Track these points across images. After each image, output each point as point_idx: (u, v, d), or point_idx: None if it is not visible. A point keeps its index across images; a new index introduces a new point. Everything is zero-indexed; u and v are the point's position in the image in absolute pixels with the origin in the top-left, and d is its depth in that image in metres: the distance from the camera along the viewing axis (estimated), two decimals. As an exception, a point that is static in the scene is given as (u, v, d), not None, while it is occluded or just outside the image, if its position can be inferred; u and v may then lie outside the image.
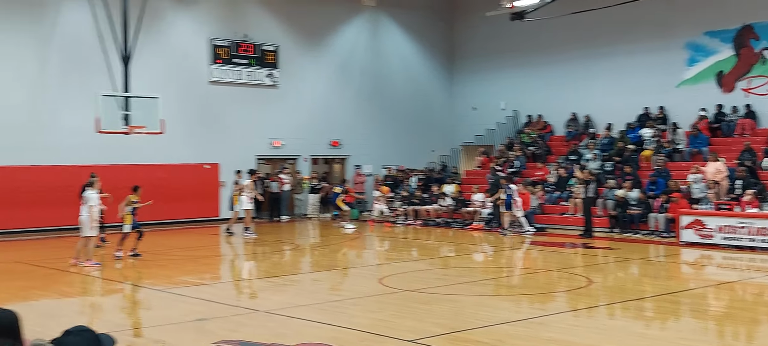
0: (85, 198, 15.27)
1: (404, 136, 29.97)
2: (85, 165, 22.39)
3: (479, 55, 30.38)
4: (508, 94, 29.31)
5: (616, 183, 21.80)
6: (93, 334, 4.09)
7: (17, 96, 21.97)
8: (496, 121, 29.24)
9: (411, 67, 30.73)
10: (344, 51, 28.91)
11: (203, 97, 25.33)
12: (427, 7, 30.12)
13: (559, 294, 12.51)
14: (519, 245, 19.18)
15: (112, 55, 21.04)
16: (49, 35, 22.58)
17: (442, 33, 31.48)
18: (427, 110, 30.88)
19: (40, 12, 22.40)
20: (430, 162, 29.13)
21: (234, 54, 25.89)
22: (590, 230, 20.17)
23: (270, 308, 10.78)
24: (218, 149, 25.42)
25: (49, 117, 22.37)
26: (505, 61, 29.31)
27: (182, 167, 24.40)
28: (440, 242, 20.33)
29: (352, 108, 28.94)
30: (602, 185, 21.96)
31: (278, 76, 26.94)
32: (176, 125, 23.25)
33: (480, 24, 29.46)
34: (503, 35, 28.48)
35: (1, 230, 21.23)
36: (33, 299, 12.04)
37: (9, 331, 4.20)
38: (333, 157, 29.51)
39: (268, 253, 18.71)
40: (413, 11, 30.16)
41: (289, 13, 27.33)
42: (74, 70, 22.73)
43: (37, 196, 22.03)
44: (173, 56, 24.66)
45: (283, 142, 27.28)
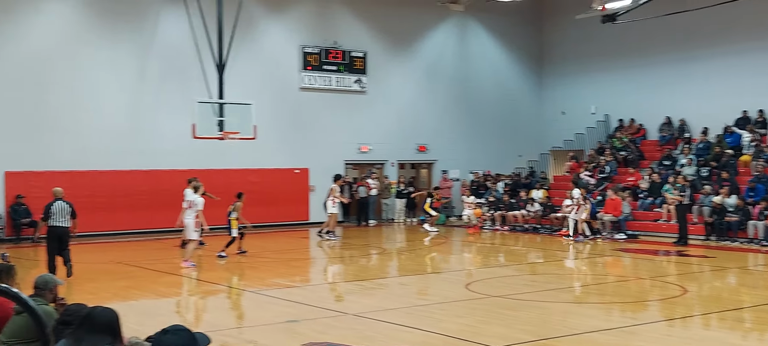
0: (192, 202, 15.92)
1: (491, 141, 29.74)
2: (181, 169, 23.21)
3: (569, 58, 29.87)
4: (599, 98, 28.69)
5: (712, 189, 21.02)
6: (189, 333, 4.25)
7: (118, 103, 22.95)
8: (586, 126, 28.67)
9: (499, 72, 30.48)
10: (432, 56, 28.94)
11: (294, 104, 25.84)
12: (516, 11, 29.84)
13: (652, 303, 12.16)
14: (609, 251, 18.73)
15: (207, 62, 21.73)
16: (149, 44, 23.50)
17: (531, 37, 31.10)
18: (515, 115, 30.55)
19: (140, 22, 23.34)
20: (518, 167, 28.81)
21: (324, 61, 26.31)
22: (685, 238, 19.52)
23: (358, 311, 10.90)
24: (308, 154, 25.87)
25: (147, 123, 23.26)
26: (596, 64, 28.71)
27: (273, 172, 24.94)
28: (528, 247, 20.08)
29: (439, 113, 28.93)
30: (698, 191, 21.21)
31: (366, 81, 27.21)
32: (268, 131, 23.80)
33: (570, 27, 28.96)
34: (594, 38, 27.90)
35: (102, 232, 22.20)
36: (132, 299, 12.55)
37: (109, 329, 4.41)
38: (420, 162, 29.55)
39: (356, 257, 18.90)
40: (501, 16, 29.93)
41: (378, 19, 27.57)
42: (172, 78, 23.58)
43: (136, 199, 22.92)
44: (265, 63, 25.26)
45: (371, 147, 27.52)
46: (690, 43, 25.63)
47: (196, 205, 15.86)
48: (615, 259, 17.80)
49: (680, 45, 25.93)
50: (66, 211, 13.96)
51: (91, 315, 4.42)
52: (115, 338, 4.41)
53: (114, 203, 22.61)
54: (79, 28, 22.42)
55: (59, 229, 13.93)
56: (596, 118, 28.71)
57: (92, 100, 22.46)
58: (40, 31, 21.90)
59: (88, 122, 22.38)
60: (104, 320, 4.40)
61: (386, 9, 27.64)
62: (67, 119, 22.12)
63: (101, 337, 4.35)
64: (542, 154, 29.83)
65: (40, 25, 21.91)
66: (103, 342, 4.35)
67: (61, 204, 13.99)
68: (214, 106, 20.90)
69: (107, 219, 22.47)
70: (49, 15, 22.11)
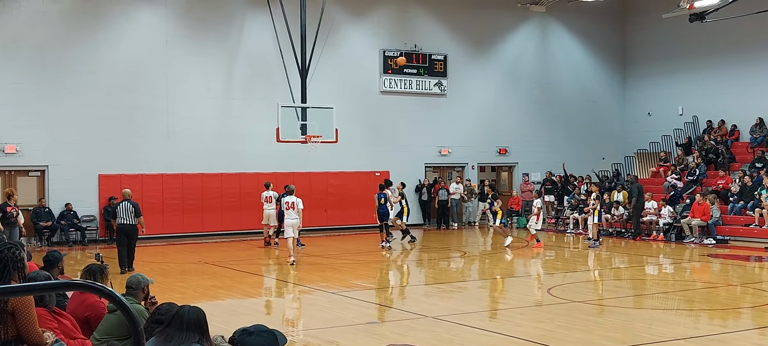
0: (294, 203, 16.83)
1: (574, 144, 29.23)
2: (266, 172, 23.72)
3: (654, 58, 29.08)
4: (686, 98, 27.83)
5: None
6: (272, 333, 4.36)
7: (206, 107, 23.61)
8: (674, 127, 27.83)
9: (581, 73, 29.94)
10: (512, 58, 28.66)
11: (374, 107, 26.02)
12: (598, 10, 29.26)
13: (743, 310, 11.71)
14: (697, 257, 18.12)
15: (291, 67, 22.14)
16: (235, 50, 24.10)
17: (614, 37, 30.42)
18: (598, 116, 29.94)
19: (227, 29, 23.96)
20: (602, 170, 28.20)
21: (405, 64, 26.38)
22: None
23: (438, 314, 10.90)
24: (388, 157, 26.01)
25: (234, 127, 23.85)
26: (683, 63, 27.85)
27: (354, 175, 25.19)
28: (612, 252, 19.63)
29: (520, 115, 28.63)
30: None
31: (446, 84, 27.17)
32: (349, 134, 24.05)
33: (655, 26, 28.20)
34: (680, 37, 27.08)
35: (191, 233, 22.88)
36: (219, 299, 12.90)
37: (197, 327, 4.56)
38: (501, 165, 29.29)
39: (435, 260, 18.88)
40: (583, 15, 29.39)
41: (457, 22, 27.49)
42: (257, 83, 24.11)
43: (224, 201, 23.54)
44: (347, 68, 25.54)
45: (451, 150, 27.45)
46: (784, 40, 24.58)
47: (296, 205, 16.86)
48: (703, 265, 17.21)
49: (773, 43, 24.89)
50: (130, 211, 15.47)
51: (180, 314, 4.59)
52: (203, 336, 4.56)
53: (202, 205, 23.27)
54: (169, 36, 23.19)
55: (126, 226, 15.48)
56: (684, 120, 27.84)
57: (182, 105, 23.19)
58: (132, 38, 22.74)
59: (178, 127, 23.11)
60: (192, 319, 4.56)
61: (466, 11, 27.55)
62: (158, 124, 22.90)
63: (189, 334, 4.51)
64: (627, 157, 29.13)
65: (131, 32, 22.76)
66: (191, 340, 4.50)
67: (126, 204, 15.54)
68: (297, 110, 21.29)
69: (196, 220, 23.14)
70: (140, 23, 22.95)
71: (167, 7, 23.14)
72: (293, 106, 21.37)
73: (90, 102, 22.10)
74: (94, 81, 22.22)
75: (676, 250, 19.47)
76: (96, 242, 21.67)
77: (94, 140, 22.11)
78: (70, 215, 21.65)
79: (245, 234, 23.07)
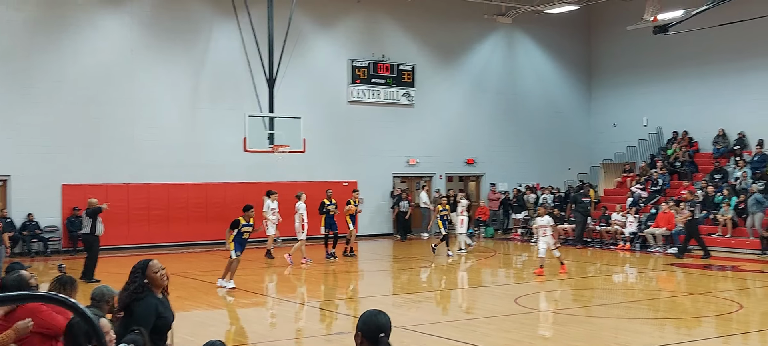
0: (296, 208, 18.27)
1: (540, 154, 29.49)
2: (233, 182, 23.56)
3: (619, 70, 29.48)
4: (651, 109, 28.24)
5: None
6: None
7: (172, 117, 23.38)
8: (638, 138, 28.22)
9: (547, 84, 30.24)
10: (479, 69, 28.85)
11: (342, 117, 26.00)
12: (564, 22, 29.61)
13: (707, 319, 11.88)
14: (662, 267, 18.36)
15: (258, 77, 22.03)
16: (202, 60, 23.92)
17: (580, 48, 30.79)
18: (564, 127, 30.25)
19: (194, 38, 23.78)
20: (567, 180, 28.47)
21: (372, 74, 26.44)
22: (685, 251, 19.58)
23: (406, 324, 10.89)
24: (357, 167, 25.97)
25: (200, 137, 23.63)
26: (647, 75, 28.27)
27: (322, 185, 25.04)
28: (578, 261, 19.81)
29: (487, 125, 28.81)
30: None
31: (414, 94, 27.25)
32: (317, 144, 23.99)
33: (620, 38, 28.60)
34: (645, 49, 27.49)
35: (157, 244, 22.61)
36: (185, 310, 12.75)
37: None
38: (468, 175, 29.43)
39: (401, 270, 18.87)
40: (549, 27, 29.71)
41: (425, 33, 27.61)
42: (224, 93, 23.95)
43: (190, 211, 23.30)
44: (315, 77, 25.49)
45: (419, 160, 27.52)
46: (746, 52, 25.06)
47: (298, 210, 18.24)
48: (668, 273, 17.45)
49: (735, 55, 25.37)
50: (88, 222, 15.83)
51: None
52: None
53: (168, 215, 23.01)
54: (134, 44, 22.94)
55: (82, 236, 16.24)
56: (648, 131, 28.25)
57: (148, 115, 22.94)
58: (97, 47, 22.46)
59: (144, 136, 22.85)
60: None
61: (434, 22, 27.68)
62: (124, 133, 22.62)
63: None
64: (593, 167, 29.45)
65: (96, 41, 22.48)
66: None
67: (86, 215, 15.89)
68: (265, 119, 21.19)
69: (162, 231, 22.87)
70: (105, 32, 22.69)
71: (133, 16, 22.92)
72: (261, 116, 21.28)
73: (54, 111, 21.77)
74: (59, 90, 21.90)
75: (640, 259, 19.70)
76: (59, 253, 21.31)
77: (58, 150, 21.78)
78: (32, 226, 21.28)
79: (212, 245, 22.85)
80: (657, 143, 27.86)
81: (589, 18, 30.50)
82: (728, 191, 21.70)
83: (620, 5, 27.24)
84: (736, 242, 20.56)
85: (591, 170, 29.24)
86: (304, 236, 18.37)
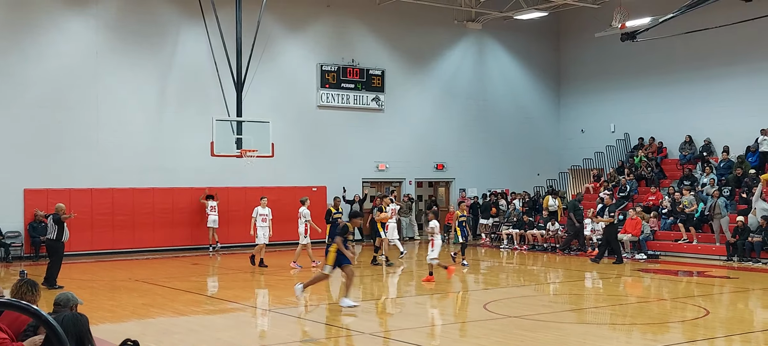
0: (300, 213, 18.54)
1: (510, 159, 29.72)
2: (200, 187, 23.38)
3: (587, 76, 29.83)
4: (618, 116, 28.62)
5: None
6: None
7: (138, 121, 23.16)
8: (606, 144, 28.56)
9: (517, 90, 30.48)
10: (449, 74, 29.00)
11: (311, 121, 25.96)
12: (534, 29, 29.88)
13: (674, 325, 12.03)
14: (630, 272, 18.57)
15: (226, 81, 21.92)
16: (169, 63, 23.73)
17: (549, 55, 31.10)
18: (534, 133, 30.51)
19: (161, 41, 23.59)
20: (537, 186, 28.72)
21: (342, 79, 26.43)
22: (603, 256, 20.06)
23: (375, 331, 10.86)
24: (326, 172, 25.95)
25: (167, 141, 23.44)
26: (615, 82, 28.64)
27: (291, 190, 25.00)
28: (547, 267, 19.96)
29: (457, 131, 28.95)
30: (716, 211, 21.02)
31: (384, 99, 27.29)
32: (286, 149, 23.93)
33: (588, 45, 28.93)
34: (613, 56, 27.83)
35: (122, 249, 22.35)
36: (151, 317, 12.60)
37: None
38: (438, 180, 29.54)
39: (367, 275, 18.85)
40: (519, 34, 29.96)
41: (395, 37, 27.70)
42: (191, 96, 23.79)
43: (156, 217, 23.07)
44: (283, 82, 25.42)
45: (389, 165, 27.57)
46: (712, 60, 25.52)
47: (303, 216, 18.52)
48: (635, 279, 17.65)
49: (701, 63, 25.83)
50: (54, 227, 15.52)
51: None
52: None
53: (134, 221, 22.77)
54: (100, 47, 22.69)
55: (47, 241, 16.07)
56: (616, 137, 28.60)
57: (113, 118, 22.69)
58: (61, 49, 22.19)
59: (109, 140, 22.59)
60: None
61: (403, 27, 27.77)
62: (88, 137, 22.35)
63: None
64: (561, 173, 29.75)
65: (61, 43, 22.21)
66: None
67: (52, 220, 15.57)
68: (233, 124, 21.09)
69: (127, 236, 22.62)
70: (70, 34, 22.41)
71: (98, 18, 22.67)
72: (228, 120, 21.17)
73: (16, 114, 21.44)
74: (22, 93, 21.57)
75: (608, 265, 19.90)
76: (21, 259, 20.96)
77: (20, 154, 21.45)
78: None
79: (178, 250, 22.67)
80: (625, 150, 28.20)
81: (558, 25, 30.82)
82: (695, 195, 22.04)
83: (589, 12, 27.60)
84: (702, 248, 20.87)
85: (560, 176, 29.53)
86: (307, 241, 18.53)
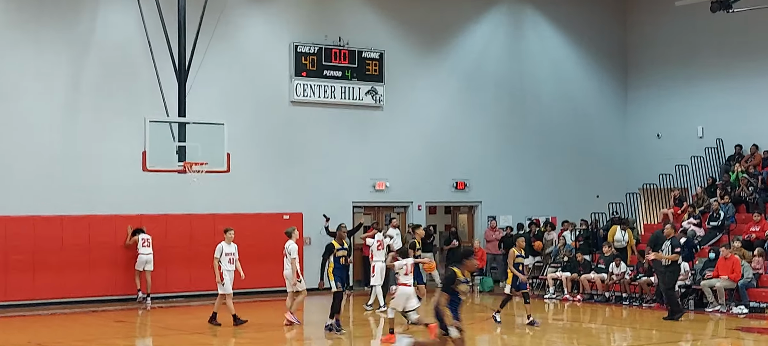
0: (286, 250, 18.47)
1: (557, 176, 29.64)
2: (126, 215, 23.25)
3: (665, 61, 29.81)
4: (708, 116, 28.58)
5: None
6: None
7: (43, 122, 23.04)
8: (691, 155, 28.48)
9: (566, 79, 30.44)
10: (473, 57, 28.97)
11: (282, 123, 25.87)
12: (590, -5, 29.94)
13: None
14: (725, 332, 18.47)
15: (164, 67, 21.86)
16: (85, 42, 23.66)
17: (612, 30, 31.11)
18: (591, 139, 30.45)
19: (74, 13, 23.52)
20: (595, 212, 28.62)
21: (324, 64, 26.38)
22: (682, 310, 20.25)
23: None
24: (302, 193, 25.82)
25: (82, 150, 23.32)
26: (703, 69, 28.62)
27: (254, 218, 24.89)
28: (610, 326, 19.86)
29: (483, 136, 28.88)
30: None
31: (383, 93, 27.24)
32: (246, 161, 23.83)
33: (666, 17, 28.97)
34: (700, 33, 27.89)
35: (18, 302, 22.19)
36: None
37: None
38: (457, 205, 29.44)
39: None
40: (570, 2, 29.96)
41: (398, 7, 27.67)
42: (116, 88, 23.71)
43: (66, 256, 22.89)
44: (244, 68, 25.36)
45: (389, 183, 27.46)
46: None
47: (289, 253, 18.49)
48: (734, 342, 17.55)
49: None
50: None
51: None
52: None
53: (35, 261, 22.62)
54: (-10, 21, 22.71)
55: None
56: (705, 144, 28.53)
57: (7, 119, 22.62)
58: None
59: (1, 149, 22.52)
60: None
61: (411, -7, 27.80)
62: (-29, 145, 22.34)
63: None
64: (629, 194, 29.65)
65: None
66: None
67: None
68: (173, 126, 21.00)
69: (26, 283, 22.47)
70: (-51, 2, 22.45)
71: (-13, -21, 22.71)
72: (167, 122, 21.09)
73: None
74: None
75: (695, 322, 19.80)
76: None
77: None
78: None
79: (97, 302, 22.55)
80: (717, 162, 28.13)
81: (623, -11, 30.88)
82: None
83: (666, -28, 27.59)
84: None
85: (627, 199, 29.43)
86: (302, 286, 18.71)
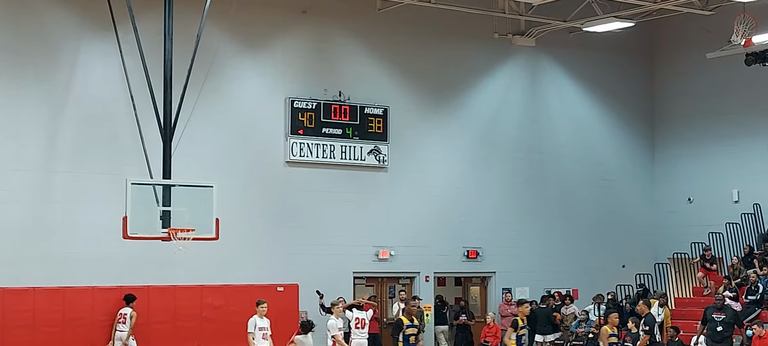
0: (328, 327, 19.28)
1: (579, 244, 29.51)
2: (105, 286, 23.11)
3: (696, 117, 29.81)
4: (744, 178, 28.53)
5: None
6: None
7: (14, 185, 22.95)
8: (727, 221, 28.37)
9: (588, 138, 30.40)
10: (486, 115, 28.96)
11: (277, 185, 25.82)
12: (615, 47, 29.92)
13: None
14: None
15: (148, 124, 21.87)
16: (63, 97, 23.63)
17: (638, 85, 31.16)
18: (616, 203, 30.36)
19: (51, 64, 23.52)
20: (622, 284, 28.45)
21: (323, 121, 26.37)
22: None
23: None
24: (298, 263, 25.68)
25: (57, 215, 23.26)
26: (738, 127, 28.61)
27: (245, 290, 24.72)
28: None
29: (498, 201, 28.80)
30: None
31: (387, 153, 27.21)
32: (237, 228, 23.72)
33: (696, 70, 29.00)
34: (734, 87, 27.92)
35: (-15, 381, 22.04)
36: None
37: None
38: (469, 276, 29.27)
39: None
40: (592, 53, 30.01)
41: (404, 60, 27.67)
42: (94, 147, 23.65)
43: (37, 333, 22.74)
44: (235, 125, 25.34)
45: (394, 252, 27.35)
46: None
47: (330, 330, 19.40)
48: None
49: None
50: None
51: None
52: None
53: (2, 340, 22.48)
54: (-42, 74, 22.78)
55: None
56: (740, 209, 28.42)
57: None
58: None
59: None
60: None
61: (417, 46, 27.80)
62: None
63: None
64: (658, 265, 29.50)
65: None
66: None
67: None
68: (157, 189, 20.96)
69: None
70: None
71: (-43, 29, 22.80)
72: (150, 184, 21.05)
73: None
74: None
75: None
76: None
77: None
78: None
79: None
80: (755, 229, 28.01)
81: (650, 40, 30.97)
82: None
83: (697, 22, 27.61)
84: None
85: (656, 269, 29.28)
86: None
